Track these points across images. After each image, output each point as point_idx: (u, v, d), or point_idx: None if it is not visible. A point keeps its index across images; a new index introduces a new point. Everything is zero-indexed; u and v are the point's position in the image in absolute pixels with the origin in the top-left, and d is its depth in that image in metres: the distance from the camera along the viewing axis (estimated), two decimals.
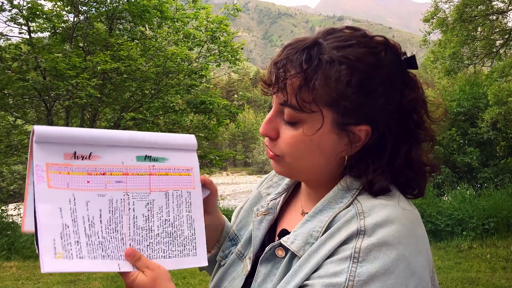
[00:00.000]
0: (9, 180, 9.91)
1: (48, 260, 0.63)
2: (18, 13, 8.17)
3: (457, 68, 11.87)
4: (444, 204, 7.10)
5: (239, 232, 0.88)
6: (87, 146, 0.71)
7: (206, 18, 10.02)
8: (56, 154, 0.68)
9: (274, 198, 0.85)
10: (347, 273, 0.59)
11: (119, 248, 0.70)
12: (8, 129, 8.76)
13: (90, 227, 0.68)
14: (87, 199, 0.70)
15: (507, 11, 11.15)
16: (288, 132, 0.68)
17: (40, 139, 0.67)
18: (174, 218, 0.77)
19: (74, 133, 0.70)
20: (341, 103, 0.64)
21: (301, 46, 0.65)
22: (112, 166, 0.73)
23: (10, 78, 7.70)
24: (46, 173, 0.67)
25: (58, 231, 0.65)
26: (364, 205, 0.65)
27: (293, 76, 0.64)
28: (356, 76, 0.63)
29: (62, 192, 0.68)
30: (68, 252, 0.65)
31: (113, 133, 0.75)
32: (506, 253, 5.55)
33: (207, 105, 9.47)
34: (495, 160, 9.85)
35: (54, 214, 0.66)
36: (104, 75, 8.76)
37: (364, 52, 0.65)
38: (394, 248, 0.59)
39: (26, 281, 5.01)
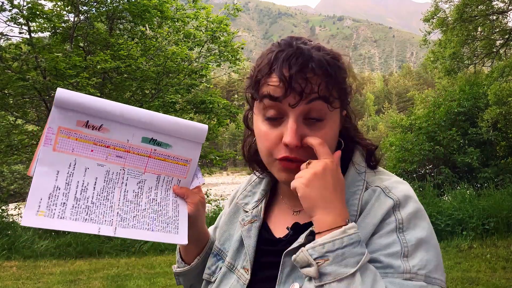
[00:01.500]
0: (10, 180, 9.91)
1: (28, 216, 0.69)
2: (18, 13, 8.17)
3: (457, 68, 11.87)
4: (444, 204, 7.10)
5: (223, 246, 0.90)
6: (100, 118, 0.77)
7: (206, 18, 10.02)
8: (70, 120, 0.75)
9: (256, 206, 0.88)
10: (399, 241, 0.68)
11: (106, 214, 0.76)
12: (8, 129, 8.76)
13: (81, 192, 0.75)
14: (86, 166, 0.77)
15: (507, 11, 11.15)
16: (317, 134, 0.73)
17: (59, 103, 0.73)
18: (161, 199, 0.83)
19: (91, 103, 0.76)
20: (344, 98, 0.77)
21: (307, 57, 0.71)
22: (117, 142, 0.79)
23: (10, 78, 7.70)
24: (56, 136, 0.74)
25: (47, 192, 0.72)
26: (385, 183, 0.76)
27: (320, 77, 0.71)
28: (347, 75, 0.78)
29: (65, 156, 0.75)
30: (51, 212, 0.71)
31: (128, 110, 0.79)
32: (506, 253, 5.54)
33: (207, 104, 9.48)
34: (495, 160, 9.84)
35: (50, 175, 0.73)
36: (104, 75, 8.77)
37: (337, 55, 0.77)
38: (423, 215, 0.73)
39: (26, 280, 5.01)
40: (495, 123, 9.85)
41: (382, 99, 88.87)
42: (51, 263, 5.86)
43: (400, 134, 11.23)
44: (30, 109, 9.48)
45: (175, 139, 0.83)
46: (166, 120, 0.82)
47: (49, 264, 5.78)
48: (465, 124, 10.26)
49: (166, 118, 0.82)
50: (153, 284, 4.90)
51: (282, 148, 0.73)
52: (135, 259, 6.14)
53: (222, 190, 20.90)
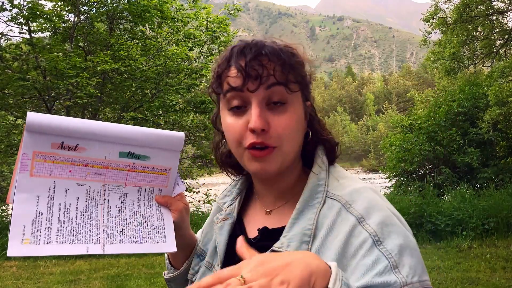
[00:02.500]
0: (10, 179, 9.90)
1: (13, 245, 0.68)
2: (18, 13, 8.17)
3: (457, 68, 11.87)
4: (444, 204, 7.10)
5: (205, 247, 0.93)
6: (75, 138, 0.76)
7: (206, 18, 10.02)
8: (44, 143, 0.74)
9: (230, 204, 0.90)
10: (383, 255, 0.65)
11: (92, 233, 0.76)
12: (9, 129, 8.76)
13: (65, 214, 0.74)
14: (66, 187, 0.76)
15: (507, 11, 11.15)
16: (281, 117, 0.75)
17: (30, 128, 0.72)
18: (145, 211, 0.84)
19: (64, 123, 0.75)
20: (304, 82, 0.79)
21: (268, 45, 0.76)
22: (95, 160, 0.79)
23: (10, 77, 7.70)
24: (32, 161, 0.73)
25: (30, 219, 0.71)
26: (342, 196, 0.74)
27: (276, 63, 0.74)
28: (304, 62, 0.80)
29: (43, 180, 0.74)
30: (36, 238, 0.70)
31: (101, 127, 0.78)
32: (506, 253, 5.55)
33: (207, 105, 9.47)
34: (495, 160, 9.84)
35: (30, 202, 0.72)
36: (104, 75, 8.77)
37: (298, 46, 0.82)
38: (394, 219, 0.70)
39: (26, 280, 5.02)
40: (495, 124, 9.85)
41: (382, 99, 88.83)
42: (51, 263, 5.86)
43: (400, 134, 11.24)
44: (30, 109, 9.47)
45: (153, 150, 0.83)
46: (141, 132, 0.82)
47: (49, 264, 5.78)
48: (465, 124, 10.26)
49: (140, 130, 0.82)
50: (153, 284, 4.90)
51: (249, 135, 0.74)
52: (135, 259, 6.14)
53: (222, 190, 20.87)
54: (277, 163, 0.75)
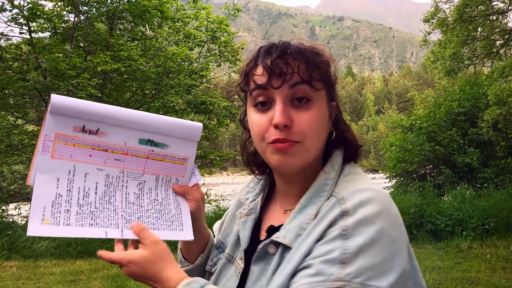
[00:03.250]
0: (10, 180, 9.90)
1: (33, 225, 0.69)
2: (19, 13, 8.17)
3: (457, 68, 11.87)
4: (444, 204, 7.10)
5: (225, 239, 0.94)
6: (97, 122, 0.77)
7: (207, 18, 10.03)
8: (66, 126, 0.75)
9: (253, 199, 0.92)
10: (339, 248, 0.66)
11: (111, 217, 0.76)
12: (9, 129, 8.77)
13: (84, 198, 0.75)
14: (86, 171, 0.77)
15: (507, 11, 11.15)
16: (305, 115, 0.76)
17: (54, 110, 0.73)
18: (162, 199, 0.85)
19: (86, 107, 0.76)
20: (329, 81, 0.81)
21: (286, 44, 0.78)
22: (115, 145, 0.80)
23: (10, 78, 7.71)
24: (54, 143, 0.74)
25: (50, 200, 0.71)
26: (342, 193, 0.74)
27: (301, 61, 0.76)
28: (330, 62, 0.82)
29: (64, 162, 0.75)
30: (55, 219, 0.71)
31: (123, 113, 0.80)
32: (506, 253, 5.55)
33: (208, 105, 9.49)
34: (495, 160, 9.84)
35: (51, 183, 0.72)
36: (104, 75, 8.77)
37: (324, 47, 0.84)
38: (376, 222, 0.68)
39: (26, 280, 5.02)
40: (495, 124, 9.85)
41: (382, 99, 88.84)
42: (51, 263, 5.86)
43: (400, 134, 11.24)
44: (30, 109, 9.49)
45: (171, 138, 0.85)
46: (161, 120, 0.83)
47: (49, 264, 5.78)
48: (465, 124, 10.26)
49: (161, 118, 0.84)
50: None
51: (272, 131, 0.76)
52: None
53: (222, 190, 20.89)
54: (299, 157, 0.77)
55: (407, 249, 0.72)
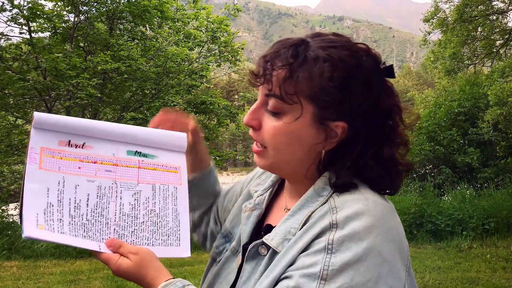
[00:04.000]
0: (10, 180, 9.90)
1: (29, 227, 0.66)
2: (18, 13, 8.16)
3: (457, 68, 11.87)
4: (444, 204, 7.10)
5: (233, 230, 0.91)
6: (81, 136, 0.76)
7: (207, 18, 10.02)
8: (51, 140, 0.73)
9: (261, 194, 0.89)
10: (322, 263, 0.62)
11: (102, 231, 0.74)
12: (9, 129, 8.76)
13: (75, 209, 0.72)
14: (76, 183, 0.74)
15: (507, 11, 11.15)
16: (271, 123, 0.72)
17: (38, 125, 0.72)
18: (160, 209, 0.80)
19: (70, 123, 0.75)
20: (322, 97, 0.68)
21: (290, 43, 0.71)
22: (103, 157, 0.78)
23: (10, 78, 7.70)
24: (40, 155, 0.72)
25: (41, 208, 0.69)
26: (337, 201, 0.69)
27: (279, 67, 0.69)
28: (338, 73, 0.68)
29: (52, 174, 0.72)
30: (50, 226, 0.68)
31: (107, 126, 0.79)
32: (506, 253, 5.54)
33: (208, 105, 9.48)
34: (495, 160, 9.84)
35: (41, 193, 0.70)
36: (104, 75, 8.77)
37: (346, 54, 0.70)
38: (365, 238, 0.62)
39: (26, 280, 5.01)
40: (495, 124, 9.85)
41: None
42: (51, 263, 5.86)
43: None
44: (30, 109, 9.47)
45: (158, 150, 0.83)
46: (145, 132, 0.82)
47: (49, 264, 5.78)
48: (465, 124, 10.25)
49: (143, 130, 0.82)
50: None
51: None
52: None
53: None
54: (266, 161, 0.76)
55: (404, 269, 0.66)
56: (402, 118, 0.75)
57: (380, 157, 0.72)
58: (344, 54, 0.69)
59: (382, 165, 0.72)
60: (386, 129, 0.73)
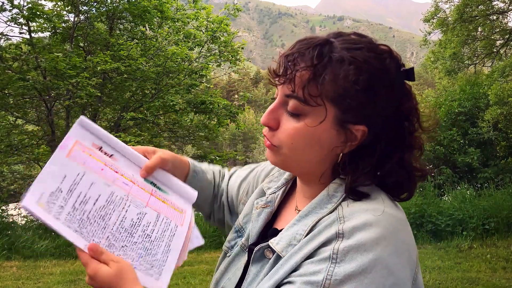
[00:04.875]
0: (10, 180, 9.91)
1: (30, 199, 0.69)
2: (18, 13, 8.17)
3: (458, 68, 11.88)
4: (444, 204, 7.09)
5: (245, 225, 0.90)
6: (112, 148, 0.83)
7: (207, 18, 10.03)
8: (86, 139, 0.81)
9: (274, 192, 0.88)
10: (325, 272, 0.61)
11: (96, 234, 0.74)
12: (9, 129, 8.76)
13: (80, 203, 0.74)
14: (93, 181, 0.77)
15: (508, 11, 11.15)
16: (290, 124, 0.71)
17: (82, 123, 0.81)
18: (155, 239, 0.81)
19: (107, 134, 0.84)
20: (346, 100, 0.67)
21: (314, 43, 0.69)
22: (125, 172, 0.83)
23: (10, 78, 7.70)
24: (72, 146, 0.77)
25: (50, 189, 0.72)
26: (345, 211, 0.67)
27: (303, 69, 0.67)
28: (363, 76, 0.66)
29: (76, 165, 0.76)
30: (49, 208, 0.70)
31: (134, 153, 0.86)
32: (507, 253, 5.54)
33: (207, 105, 9.47)
34: (495, 160, 9.84)
35: (56, 176, 0.73)
36: (104, 75, 8.76)
37: (371, 56, 0.68)
38: (372, 250, 0.61)
39: (26, 280, 5.01)
40: (495, 123, 9.85)
41: None
42: (51, 263, 5.86)
43: None
44: (30, 109, 9.48)
45: (170, 190, 0.88)
46: (164, 173, 0.88)
47: (49, 264, 5.78)
48: (465, 124, 10.25)
49: (164, 172, 0.89)
50: None
51: None
52: None
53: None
54: (278, 159, 0.75)
55: (411, 281, 0.65)
56: (420, 122, 0.75)
57: (402, 162, 0.71)
58: (369, 56, 0.68)
59: (401, 170, 0.72)
60: (405, 133, 0.72)
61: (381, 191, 0.72)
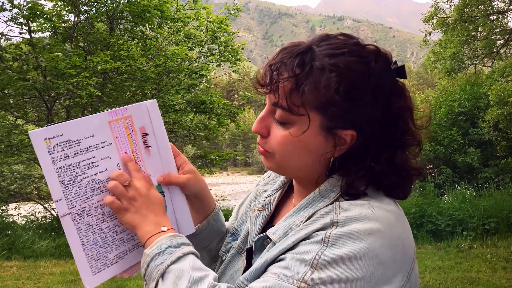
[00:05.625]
0: (10, 180, 9.90)
1: (39, 133, 0.71)
2: (18, 13, 8.16)
3: (458, 68, 11.88)
4: (444, 204, 7.09)
5: (240, 228, 0.91)
6: (155, 142, 0.81)
7: (207, 18, 10.02)
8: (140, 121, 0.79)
9: (271, 195, 0.88)
10: (315, 252, 0.63)
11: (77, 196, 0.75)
12: (9, 129, 8.75)
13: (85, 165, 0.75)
14: (111, 156, 0.78)
15: (508, 11, 11.15)
16: (279, 132, 0.72)
17: (150, 106, 0.80)
18: (119, 239, 0.82)
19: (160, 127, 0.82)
20: (329, 108, 0.67)
21: (295, 51, 0.69)
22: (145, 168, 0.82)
23: (10, 78, 7.70)
24: (122, 117, 0.77)
25: (69, 136, 0.74)
26: (342, 204, 0.68)
27: (285, 79, 0.68)
28: (345, 84, 0.66)
29: (110, 134, 0.77)
30: (53, 150, 0.73)
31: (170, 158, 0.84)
32: (507, 253, 5.54)
33: (207, 105, 9.47)
34: (495, 160, 9.84)
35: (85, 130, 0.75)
36: (104, 75, 8.76)
37: (354, 61, 0.68)
38: (364, 239, 0.62)
39: (26, 280, 5.01)
40: (496, 124, 9.85)
41: None
42: (51, 263, 5.86)
43: None
44: (30, 109, 9.48)
45: (173, 212, 0.85)
46: (180, 194, 0.85)
47: (49, 264, 5.78)
48: (465, 124, 10.26)
49: (180, 194, 0.85)
50: None
51: None
52: None
53: (222, 190, 20.88)
54: (273, 165, 0.77)
55: (405, 275, 0.65)
56: (413, 120, 0.74)
57: (393, 162, 0.71)
58: (351, 61, 0.67)
59: (395, 170, 0.71)
60: (397, 133, 0.72)
61: (378, 190, 0.72)
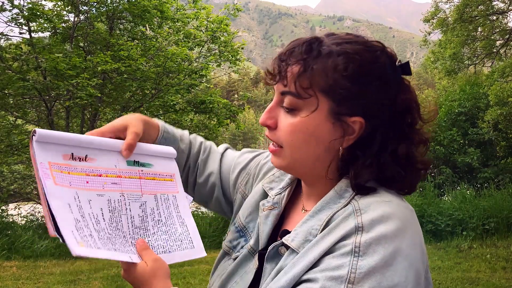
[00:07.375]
0: (10, 179, 9.90)
1: (73, 246, 0.66)
2: (18, 13, 8.16)
3: (458, 69, 11.88)
4: (444, 204, 7.10)
5: (248, 225, 0.89)
6: (83, 148, 0.76)
7: (207, 18, 10.02)
8: (55, 154, 0.73)
9: (279, 193, 0.86)
10: (349, 266, 0.61)
11: (124, 244, 0.74)
12: (9, 129, 8.76)
13: (96, 223, 0.72)
14: (88, 198, 0.74)
15: (507, 11, 11.15)
16: (287, 121, 0.72)
17: (40, 139, 0.72)
18: (166, 219, 0.82)
19: (70, 136, 0.75)
20: (337, 91, 0.68)
21: (303, 40, 0.71)
22: (107, 169, 0.78)
23: (10, 78, 7.70)
24: (50, 170, 0.71)
25: (73, 224, 0.69)
26: (360, 203, 0.68)
27: (293, 63, 0.69)
28: (352, 67, 0.67)
29: (66, 189, 0.72)
30: (86, 243, 0.68)
31: (105, 139, 0.80)
32: (506, 253, 5.54)
33: (207, 104, 9.46)
34: (495, 160, 9.85)
35: (65, 209, 0.69)
36: (104, 75, 8.76)
37: (361, 48, 0.69)
38: (392, 242, 0.62)
39: (26, 280, 5.01)
40: (495, 124, 9.86)
41: None
42: (51, 263, 5.86)
43: None
44: (30, 109, 9.48)
45: (152, 157, 0.85)
46: (139, 145, 0.84)
47: (49, 264, 5.78)
48: (465, 124, 10.26)
49: (139, 145, 0.84)
50: None
51: None
52: None
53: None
54: (283, 161, 0.75)
55: (424, 274, 0.66)
56: (420, 115, 0.74)
57: (397, 155, 0.70)
58: (358, 49, 0.69)
59: (399, 163, 0.71)
60: (404, 126, 0.72)
61: (384, 183, 0.71)
